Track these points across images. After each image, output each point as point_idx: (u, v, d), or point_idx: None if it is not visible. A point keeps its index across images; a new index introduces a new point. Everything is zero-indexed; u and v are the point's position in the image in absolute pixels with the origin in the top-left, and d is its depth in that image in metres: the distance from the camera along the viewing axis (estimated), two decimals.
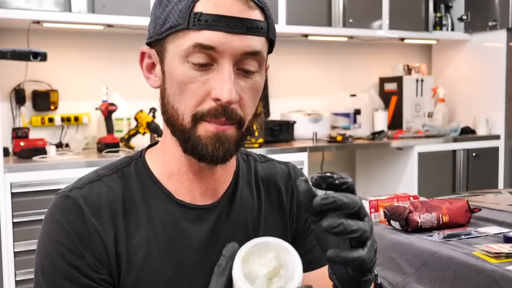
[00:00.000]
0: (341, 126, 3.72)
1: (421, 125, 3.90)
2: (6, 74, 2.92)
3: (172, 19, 0.77)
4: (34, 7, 2.67)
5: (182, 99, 0.78)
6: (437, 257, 1.45)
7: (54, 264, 0.78)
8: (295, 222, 0.95)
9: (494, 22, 3.83)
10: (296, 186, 0.66)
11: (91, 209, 0.80)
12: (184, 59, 0.77)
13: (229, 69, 0.76)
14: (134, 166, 0.87)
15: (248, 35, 0.76)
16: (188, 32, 0.75)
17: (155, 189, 0.85)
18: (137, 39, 3.16)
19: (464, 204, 1.74)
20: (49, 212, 0.82)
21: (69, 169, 2.54)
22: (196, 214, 0.85)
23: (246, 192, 0.91)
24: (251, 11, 0.76)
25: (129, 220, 0.82)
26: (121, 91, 3.13)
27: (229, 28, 0.74)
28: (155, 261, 0.82)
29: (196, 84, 0.77)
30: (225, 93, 0.75)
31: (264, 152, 2.96)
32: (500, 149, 3.86)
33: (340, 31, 3.53)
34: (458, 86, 4.14)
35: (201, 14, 0.74)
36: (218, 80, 0.76)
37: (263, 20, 0.78)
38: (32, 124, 3.01)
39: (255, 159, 0.97)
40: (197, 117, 0.78)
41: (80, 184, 0.84)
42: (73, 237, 0.79)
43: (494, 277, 1.31)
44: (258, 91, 0.81)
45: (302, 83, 3.85)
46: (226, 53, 0.75)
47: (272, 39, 0.81)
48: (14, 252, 2.44)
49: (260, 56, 0.78)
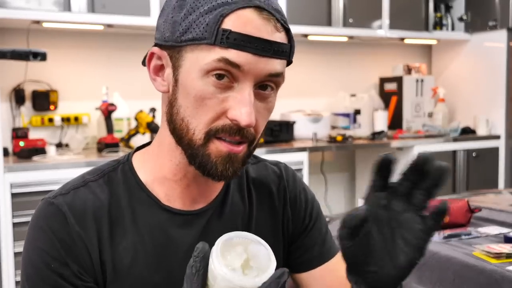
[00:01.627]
0: (341, 126, 3.72)
1: (421, 125, 3.89)
2: (6, 74, 2.92)
3: (197, 30, 0.73)
4: (34, 7, 2.67)
5: (197, 114, 0.75)
6: (437, 257, 1.45)
7: (38, 273, 0.78)
8: (291, 223, 0.94)
9: (494, 22, 3.83)
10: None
11: (75, 216, 0.79)
12: (205, 74, 0.74)
13: (250, 92, 0.74)
14: (121, 170, 0.85)
15: (273, 58, 0.75)
16: (213, 47, 0.73)
17: (141, 194, 0.83)
18: (137, 39, 3.16)
19: (464, 204, 1.74)
20: (34, 219, 0.81)
21: (69, 169, 2.54)
22: (184, 219, 0.84)
23: (237, 196, 0.90)
24: (278, 34, 0.75)
25: (115, 227, 0.81)
26: (121, 91, 3.12)
27: (257, 50, 0.72)
28: (142, 268, 0.81)
29: (214, 100, 0.74)
30: (245, 117, 0.73)
31: (264, 152, 2.96)
32: (500, 149, 3.86)
33: (340, 31, 3.53)
34: (458, 86, 4.14)
35: (230, 32, 0.72)
36: (238, 101, 0.74)
37: (287, 43, 0.76)
38: (32, 124, 3.00)
39: None
40: (210, 134, 0.75)
41: (65, 190, 0.82)
42: (57, 245, 0.78)
43: (494, 278, 1.31)
44: (271, 111, 0.80)
45: (302, 83, 3.85)
46: (250, 74, 0.73)
47: (291, 61, 0.80)
48: (14, 252, 2.44)
49: (281, 77, 0.77)
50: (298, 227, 0.94)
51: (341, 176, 4.02)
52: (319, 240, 0.95)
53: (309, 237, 0.94)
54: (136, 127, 2.99)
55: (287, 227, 0.94)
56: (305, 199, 0.96)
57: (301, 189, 0.97)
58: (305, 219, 0.95)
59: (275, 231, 0.92)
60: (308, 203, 0.96)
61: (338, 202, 3.97)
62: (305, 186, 0.99)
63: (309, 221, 0.95)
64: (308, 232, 0.94)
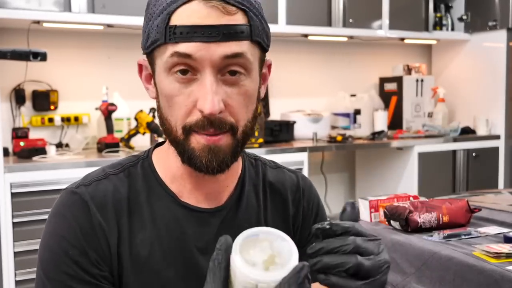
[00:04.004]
0: (341, 126, 3.72)
1: (421, 125, 3.89)
2: (6, 74, 2.92)
3: (153, 34, 0.77)
4: (34, 7, 2.67)
5: (172, 111, 0.78)
6: (437, 257, 1.45)
7: (55, 259, 0.79)
8: (299, 233, 0.95)
9: (494, 22, 3.83)
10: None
11: (97, 206, 0.81)
12: (168, 72, 0.77)
13: (210, 79, 0.75)
14: (140, 166, 0.88)
15: (226, 42, 0.74)
16: (166, 46, 0.76)
17: (160, 190, 0.86)
18: (137, 39, 3.14)
19: (464, 204, 1.74)
20: (55, 207, 0.83)
21: (69, 169, 2.54)
22: (200, 217, 0.85)
23: (252, 198, 0.91)
24: (229, 17, 0.74)
25: (133, 220, 0.83)
26: (121, 91, 3.13)
27: (204, 38, 0.74)
28: (158, 262, 0.82)
29: (182, 96, 0.77)
30: (207, 104, 0.74)
31: (264, 152, 2.96)
32: (500, 149, 3.86)
33: (340, 31, 3.53)
34: (458, 86, 4.14)
35: (175, 27, 0.74)
36: (201, 91, 0.75)
37: (244, 23, 0.76)
38: (32, 124, 3.00)
39: (264, 163, 0.97)
40: (186, 129, 0.78)
41: (87, 181, 0.84)
42: (78, 232, 0.79)
43: (494, 277, 1.31)
44: (249, 94, 0.79)
45: (302, 83, 3.85)
46: (205, 61, 0.74)
47: (258, 40, 0.78)
48: (14, 252, 2.44)
49: (243, 57, 0.76)
50: (303, 240, 0.95)
51: (341, 176, 4.03)
52: None
53: None
54: (136, 127, 2.99)
55: (296, 233, 0.94)
56: (316, 213, 0.97)
57: (315, 202, 0.98)
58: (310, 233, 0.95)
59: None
60: (318, 217, 0.97)
61: (338, 202, 3.97)
62: (320, 201, 1.00)
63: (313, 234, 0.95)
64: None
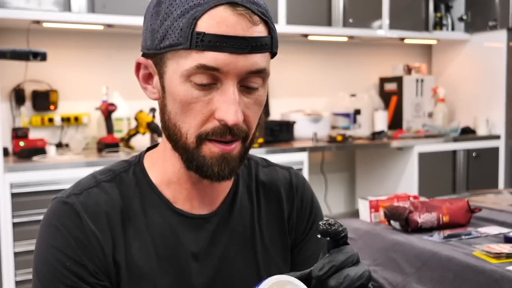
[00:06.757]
0: (341, 126, 3.72)
1: (421, 125, 3.89)
2: (6, 74, 2.92)
3: (173, 36, 0.73)
4: (34, 7, 2.67)
5: (186, 118, 0.76)
6: (437, 257, 1.45)
7: (53, 271, 0.77)
8: (294, 231, 0.94)
9: (494, 22, 3.83)
10: None
11: (90, 215, 0.79)
12: (186, 79, 0.74)
13: (234, 90, 0.73)
14: (132, 172, 0.85)
15: (252, 54, 0.73)
16: (190, 52, 0.72)
17: (153, 197, 0.84)
18: (137, 39, 3.14)
19: (464, 204, 1.74)
20: (47, 218, 0.81)
21: (69, 169, 2.53)
22: (195, 223, 0.84)
23: (245, 199, 0.90)
24: (255, 27, 0.73)
25: (127, 228, 0.81)
26: (121, 91, 3.12)
27: (234, 49, 0.72)
28: (153, 270, 0.81)
29: (200, 104, 0.75)
30: (231, 116, 0.73)
31: (264, 152, 2.96)
32: (500, 149, 3.86)
33: (340, 31, 3.53)
34: (458, 86, 4.14)
35: (204, 35, 0.71)
36: (223, 101, 0.74)
37: (267, 35, 0.75)
38: (32, 124, 3.00)
39: (256, 162, 0.96)
40: (201, 137, 0.76)
41: (78, 190, 0.82)
42: (72, 244, 0.78)
43: (494, 277, 1.31)
44: (261, 104, 0.79)
45: (302, 83, 3.85)
46: (231, 73, 0.73)
47: (275, 52, 0.79)
48: (14, 252, 2.44)
49: (264, 73, 0.76)
50: (298, 237, 0.95)
51: (341, 176, 4.02)
52: (316, 252, 0.94)
53: (305, 248, 0.94)
54: (136, 127, 2.99)
55: (291, 232, 0.94)
56: (310, 210, 0.96)
57: (309, 199, 0.97)
58: (306, 228, 0.95)
59: (282, 235, 0.92)
60: (312, 214, 0.96)
61: (338, 202, 3.97)
62: (314, 197, 0.99)
63: (308, 231, 0.95)
64: (306, 242, 0.95)
